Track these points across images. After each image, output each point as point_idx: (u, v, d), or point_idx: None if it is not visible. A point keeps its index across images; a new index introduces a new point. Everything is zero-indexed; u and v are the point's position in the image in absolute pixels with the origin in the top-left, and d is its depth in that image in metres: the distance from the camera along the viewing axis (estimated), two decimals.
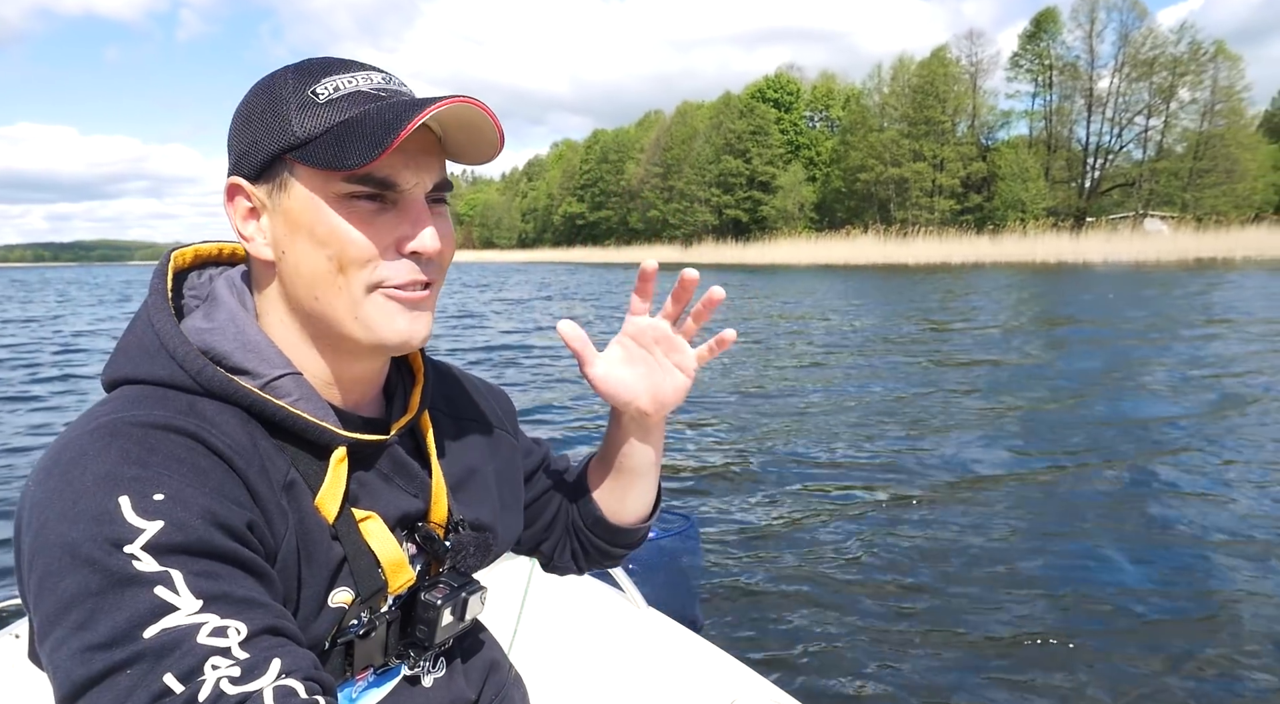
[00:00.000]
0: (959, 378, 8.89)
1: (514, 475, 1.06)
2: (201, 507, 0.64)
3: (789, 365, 10.09)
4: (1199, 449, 5.70)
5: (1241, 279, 25.36)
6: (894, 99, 57.42)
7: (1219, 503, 4.57)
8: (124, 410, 0.70)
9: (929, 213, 55.25)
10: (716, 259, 57.45)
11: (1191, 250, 41.92)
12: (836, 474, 5.42)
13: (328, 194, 0.74)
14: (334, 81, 0.75)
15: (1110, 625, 3.19)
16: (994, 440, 6.16)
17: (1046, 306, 18.17)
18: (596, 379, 0.98)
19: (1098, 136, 56.66)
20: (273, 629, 0.63)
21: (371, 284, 0.77)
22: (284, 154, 0.75)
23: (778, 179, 63.03)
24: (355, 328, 0.78)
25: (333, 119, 0.73)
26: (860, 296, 22.07)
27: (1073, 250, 44.44)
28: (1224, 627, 3.13)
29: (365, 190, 0.74)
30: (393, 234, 0.77)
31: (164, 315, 0.77)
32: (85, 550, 0.60)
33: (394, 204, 0.77)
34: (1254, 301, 17.50)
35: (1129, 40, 54.53)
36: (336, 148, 0.72)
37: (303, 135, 0.74)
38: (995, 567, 3.77)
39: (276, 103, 0.75)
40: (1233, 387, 7.95)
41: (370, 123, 0.72)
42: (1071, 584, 3.54)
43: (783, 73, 68.75)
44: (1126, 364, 9.58)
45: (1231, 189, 49.98)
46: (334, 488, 0.78)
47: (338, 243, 0.75)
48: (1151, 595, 3.44)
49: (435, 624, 0.86)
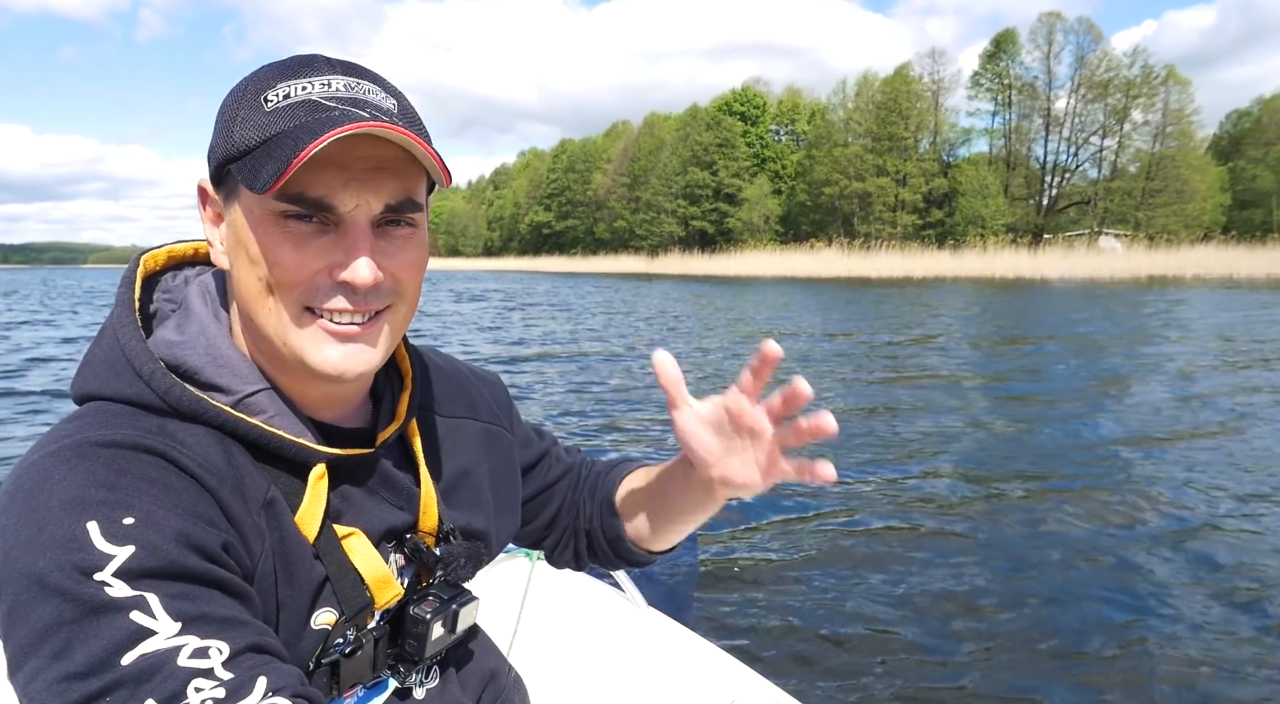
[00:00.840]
0: (929, 390, 9.04)
1: (510, 473, 1.02)
2: (174, 528, 0.62)
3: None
4: (1171, 472, 5.85)
5: (1191, 296, 26.08)
6: (858, 115, 58.28)
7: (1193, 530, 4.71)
8: (90, 430, 0.67)
9: (891, 227, 56.08)
10: (682, 270, 57.66)
11: (1144, 268, 43.02)
12: (837, 474, 5.45)
13: (264, 211, 0.70)
14: (289, 86, 0.70)
15: (1107, 632, 3.23)
16: (984, 446, 6.27)
17: (1006, 321, 18.53)
18: (683, 427, 0.89)
19: (1055, 155, 58.15)
20: (256, 647, 0.61)
21: (302, 309, 0.72)
22: (227, 164, 0.71)
23: (743, 191, 63.55)
24: (285, 352, 0.74)
25: (270, 130, 0.68)
26: (827, 309, 22.29)
27: (1030, 266, 45.35)
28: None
29: (297, 210, 0.69)
30: (325, 260, 0.71)
31: (130, 330, 0.73)
32: (54, 580, 0.58)
33: (335, 226, 0.71)
34: (1207, 318, 18.01)
35: (1085, 62, 56.12)
36: (257, 164, 0.68)
37: (241, 146, 0.69)
38: (995, 566, 3.81)
39: (233, 106, 0.71)
40: (1186, 402, 8.18)
41: (287, 140, 0.67)
42: (1066, 587, 3.61)
43: (749, 86, 69.44)
44: (1083, 380, 9.80)
45: (1182, 209, 51.47)
46: (314, 506, 0.75)
47: (264, 264, 0.70)
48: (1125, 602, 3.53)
49: (425, 638, 0.83)
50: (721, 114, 65.97)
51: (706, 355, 12.33)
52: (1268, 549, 4.09)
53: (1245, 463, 5.73)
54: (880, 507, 4.77)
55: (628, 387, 9.27)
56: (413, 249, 0.76)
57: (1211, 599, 3.51)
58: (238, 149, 0.69)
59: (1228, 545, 4.14)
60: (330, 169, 0.68)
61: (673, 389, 0.87)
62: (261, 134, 0.68)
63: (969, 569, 3.82)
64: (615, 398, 8.54)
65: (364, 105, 0.71)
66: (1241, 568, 3.84)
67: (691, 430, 0.89)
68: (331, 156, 0.67)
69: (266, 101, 0.70)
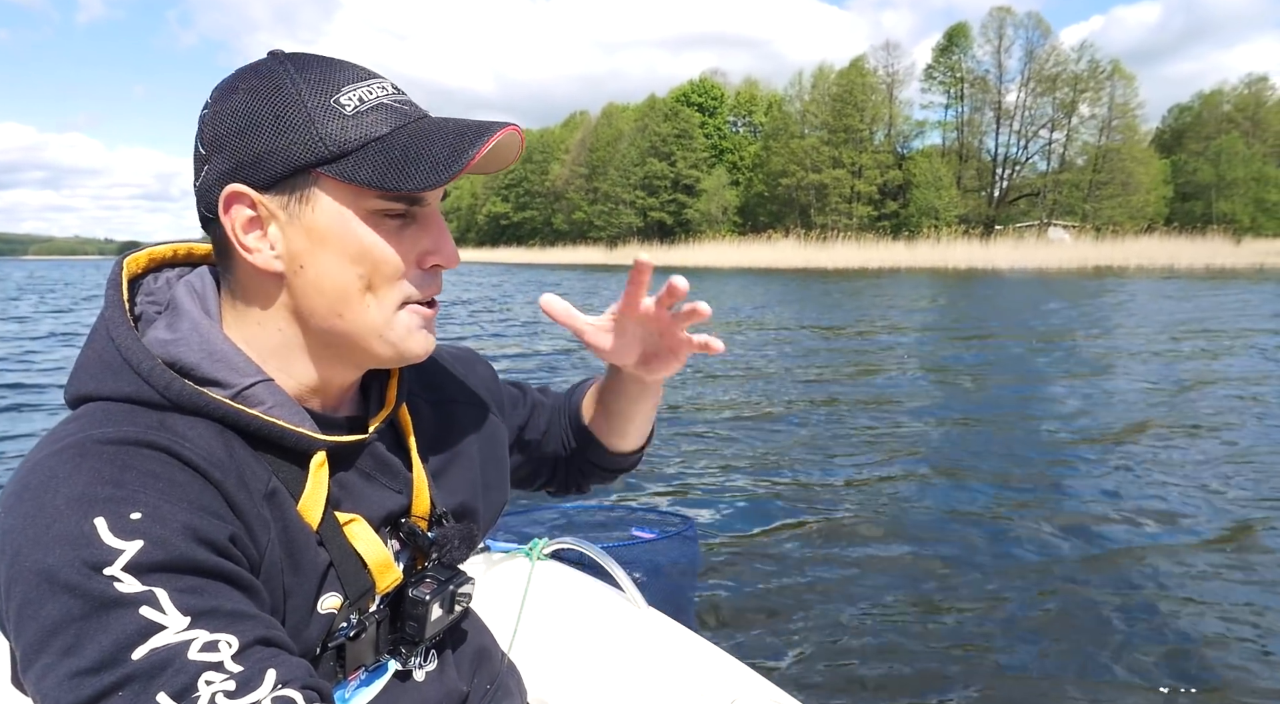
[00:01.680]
0: (904, 381, 9.20)
1: (498, 450, 1.05)
2: (181, 522, 0.63)
3: (766, 372, 10.25)
4: (1116, 456, 6.04)
5: (1136, 286, 26.82)
6: (814, 107, 58.70)
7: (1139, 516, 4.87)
8: (92, 428, 0.68)
9: (848, 218, 56.66)
10: None
11: (1091, 258, 44.13)
12: (834, 474, 5.49)
13: (359, 210, 0.73)
14: (355, 92, 0.73)
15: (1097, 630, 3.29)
16: (969, 443, 6.40)
17: (962, 312, 18.88)
18: (592, 342, 0.98)
19: (1006, 148, 59.15)
20: (265, 640, 0.62)
21: (399, 301, 0.77)
22: (313, 167, 0.72)
23: (702, 182, 63.66)
24: (379, 345, 0.77)
25: (366, 133, 0.72)
26: (786, 301, 22.49)
27: (983, 257, 46.22)
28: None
29: (398, 207, 0.74)
30: (415, 249, 0.77)
31: (124, 329, 0.74)
32: (64, 576, 0.59)
33: (413, 219, 0.77)
34: (1154, 307, 18.55)
35: (1034, 57, 57.12)
36: (387, 166, 0.71)
37: (335, 149, 0.71)
38: (995, 566, 3.82)
39: (296, 111, 0.71)
40: (1132, 389, 8.46)
41: (432, 144, 0.72)
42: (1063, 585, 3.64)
43: (707, 78, 69.53)
44: (1043, 369, 10.05)
45: (1127, 201, 52.84)
46: (315, 493, 0.77)
47: (370, 261, 0.74)
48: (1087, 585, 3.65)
49: (425, 619, 0.85)
50: (679, 105, 65.96)
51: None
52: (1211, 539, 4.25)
53: (1204, 453, 5.94)
54: (878, 506, 4.80)
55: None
56: None
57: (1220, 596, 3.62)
58: (331, 152, 0.71)
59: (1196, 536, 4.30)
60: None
61: (569, 320, 0.95)
62: (360, 136, 0.72)
63: (970, 570, 3.82)
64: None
65: (417, 107, 0.78)
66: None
67: (598, 342, 0.98)
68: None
69: (342, 106, 0.72)
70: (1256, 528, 4.29)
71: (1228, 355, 10.70)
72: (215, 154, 0.73)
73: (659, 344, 1.00)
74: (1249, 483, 5.11)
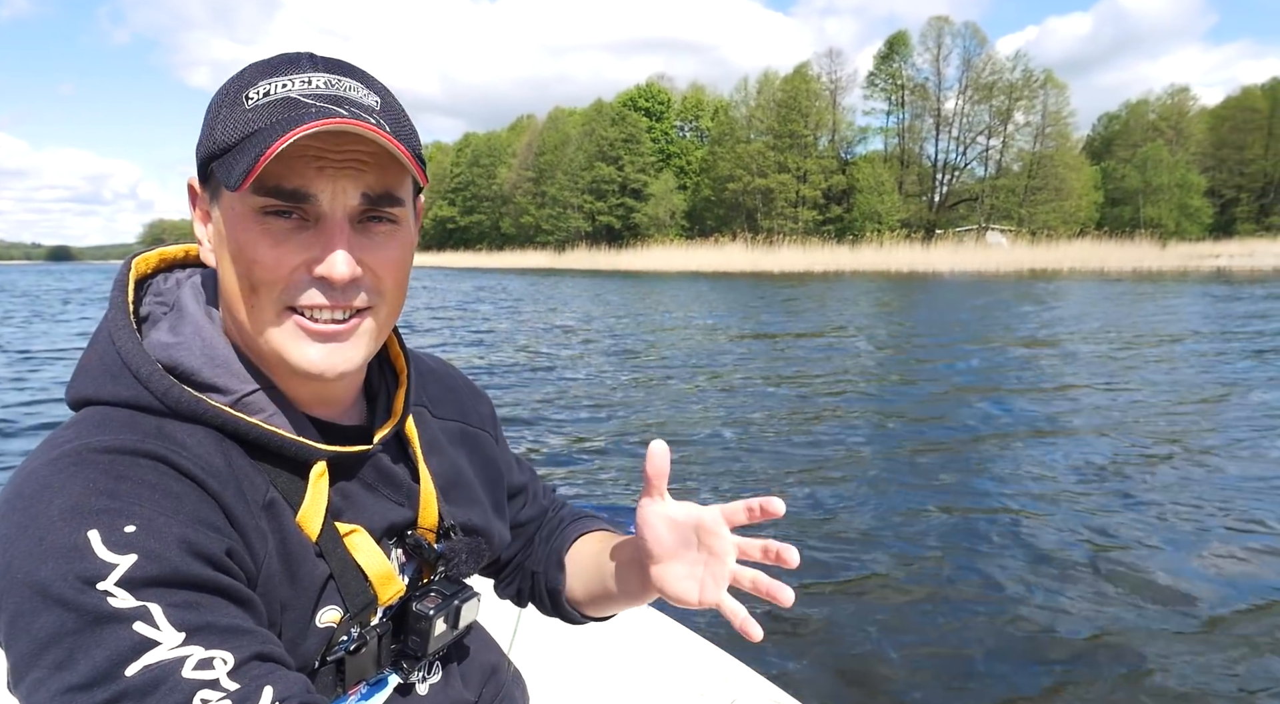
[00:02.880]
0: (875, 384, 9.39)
1: (500, 479, 1.03)
2: (176, 535, 0.62)
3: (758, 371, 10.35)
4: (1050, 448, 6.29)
5: (1070, 287, 27.73)
6: (760, 112, 59.49)
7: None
8: (88, 436, 0.66)
9: (793, 222, 57.50)
10: (590, 265, 57.66)
11: (1027, 261, 45.51)
12: (834, 474, 5.55)
13: (245, 207, 0.70)
14: (269, 84, 0.70)
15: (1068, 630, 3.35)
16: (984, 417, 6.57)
17: (906, 314, 19.31)
18: (647, 518, 0.88)
19: (945, 154, 60.80)
20: (261, 655, 0.61)
21: (283, 307, 0.72)
22: (209, 161, 0.71)
23: (649, 187, 63.96)
24: (266, 349, 0.74)
25: (248, 127, 0.69)
26: (733, 303, 22.72)
27: (924, 260, 47.32)
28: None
29: (276, 205, 0.69)
30: (303, 255, 0.71)
31: (126, 332, 0.73)
32: (56, 590, 0.58)
33: (315, 222, 0.71)
34: (1090, 309, 19.21)
35: (971, 65, 58.83)
36: (233, 162, 0.68)
37: (221, 144, 0.70)
38: (995, 566, 3.86)
39: (217, 104, 0.72)
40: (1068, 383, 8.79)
41: (260, 137, 0.67)
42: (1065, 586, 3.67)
43: (654, 82, 69.87)
44: (987, 369, 10.36)
45: (1060, 206, 54.70)
46: (315, 504, 0.75)
47: (246, 260, 0.71)
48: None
49: (428, 634, 0.83)
50: (626, 109, 66.18)
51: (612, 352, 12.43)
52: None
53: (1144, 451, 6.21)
54: (878, 505, 4.83)
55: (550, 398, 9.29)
56: (394, 246, 0.75)
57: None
58: (218, 147, 0.70)
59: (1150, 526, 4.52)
60: (305, 161, 0.68)
61: (656, 479, 0.87)
62: (240, 132, 0.69)
63: (971, 568, 3.82)
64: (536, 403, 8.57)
65: (343, 102, 0.71)
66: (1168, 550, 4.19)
67: (653, 524, 0.88)
68: (307, 150, 0.68)
69: (247, 99, 0.70)
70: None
71: (1165, 359, 11.17)
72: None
73: (697, 571, 0.88)
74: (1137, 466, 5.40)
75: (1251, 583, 3.66)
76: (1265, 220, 55.69)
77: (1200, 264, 42.56)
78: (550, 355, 11.83)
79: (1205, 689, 2.80)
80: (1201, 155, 57.30)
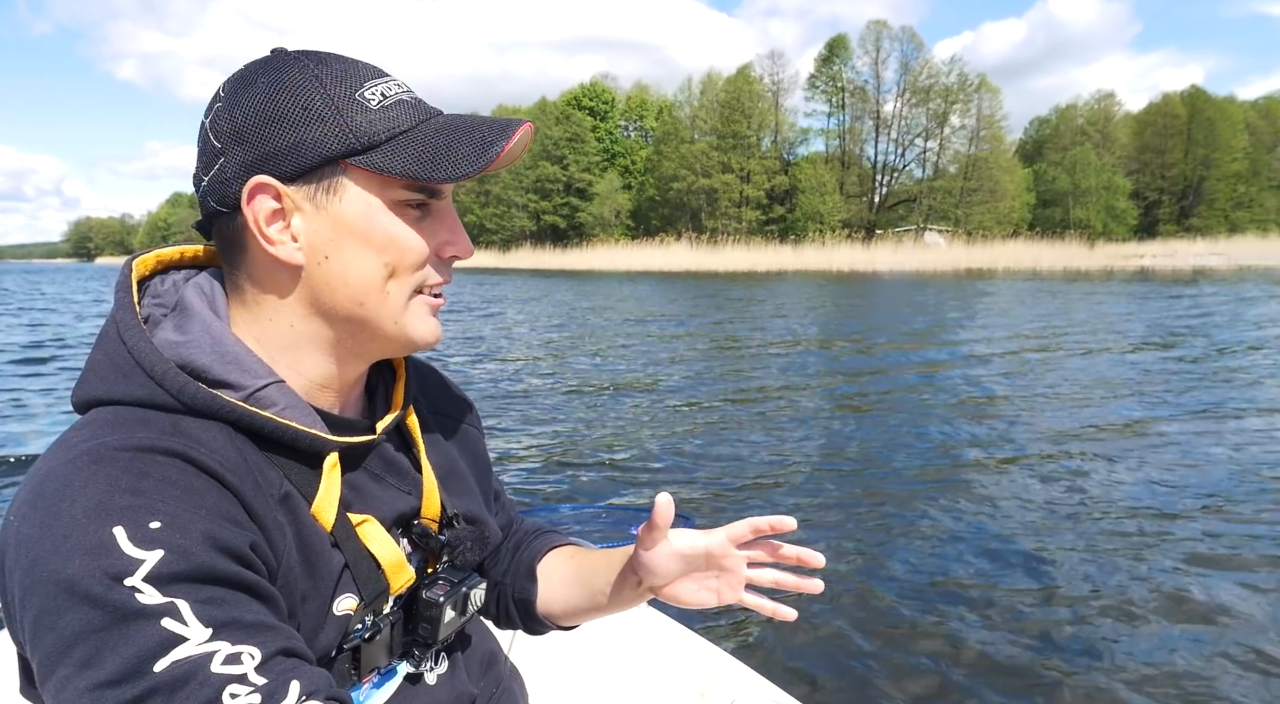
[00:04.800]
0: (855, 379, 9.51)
1: (487, 475, 1.06)
2: (201, 531, 0.62)
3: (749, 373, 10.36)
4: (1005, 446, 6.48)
5: (1004, 287, 28.53)
6: (703, 113, 59.86)
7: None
8: (105, 435, 0.67)
9: (737, 222, 58.02)
10: (535, 265, 57.35)
11: (963, 261, 46.74)
12: (833, 473, 5.56)
13: (385, 200, 0.75)
14: (377, 87, 0.76)
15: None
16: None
17: (841, 311, 19.64)
18: (652, 552, 0.91)
19: (884, 156, 61.95)
20: (287, 651, 0.62)
21: (415, 289, 0.79)
22: (343, 158, 0.73)
23: (594, 186, 63.90)
24: (393, 331, 0.79)
25: (392, 127, 0.74)
26: (678, 302, 22.82)
27: (864, 260, 48.26)
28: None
29: (418, 198, 0.76)
30: (435, 239, 0.79)
31: (136, 332, 0.73)
32: (84, 586, 0.58)
33: (429, 211, 0.78)
34: (1014, 308, 19.79)
35: (909, 69, 60.09)
36: (417, 158, 0.73)
37: (365, 141, 0.73)
38: (997, 566, 3.89)
39: (323, 103, 0.73)
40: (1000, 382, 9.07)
41: (460, 138, 0.74)
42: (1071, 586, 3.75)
43: (598, 82, 69.83)
44: (925, 366, 10.60)
45: (995, 207, 56.27)
46: (329, 495, 0.77)
47: (397, 249, 0.76)
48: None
49: (438, 621, 0.85)
50: (570, 108, 66.00)
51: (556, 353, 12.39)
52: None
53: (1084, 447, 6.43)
54: (877, 506, 4.85)
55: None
56: None
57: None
58: (361, 143, 0.73)
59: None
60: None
61: (660, 532, 0.90)
62: (387, 129, 0.74)
63: (972, 570, 3.84)
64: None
65: (433, 106, 0.80)
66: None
67: (662, 561, 0.91)
68: None
69: (368, 100, 0.74)
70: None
71: (1094, 352, 11.57)
72: (234, 146, 0.73)
73: (711, 583, 0.95)
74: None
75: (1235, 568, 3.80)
76: (1185, 222, 58.15)
77: (1125, 264, 44.19)
78: (493, 356, 11.76)
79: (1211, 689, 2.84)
80: (1126, 159, 59.56)
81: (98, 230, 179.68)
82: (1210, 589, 3.59)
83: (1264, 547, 4.08)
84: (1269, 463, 5.61)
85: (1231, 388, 8.55)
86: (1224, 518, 4.53)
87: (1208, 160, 57.29)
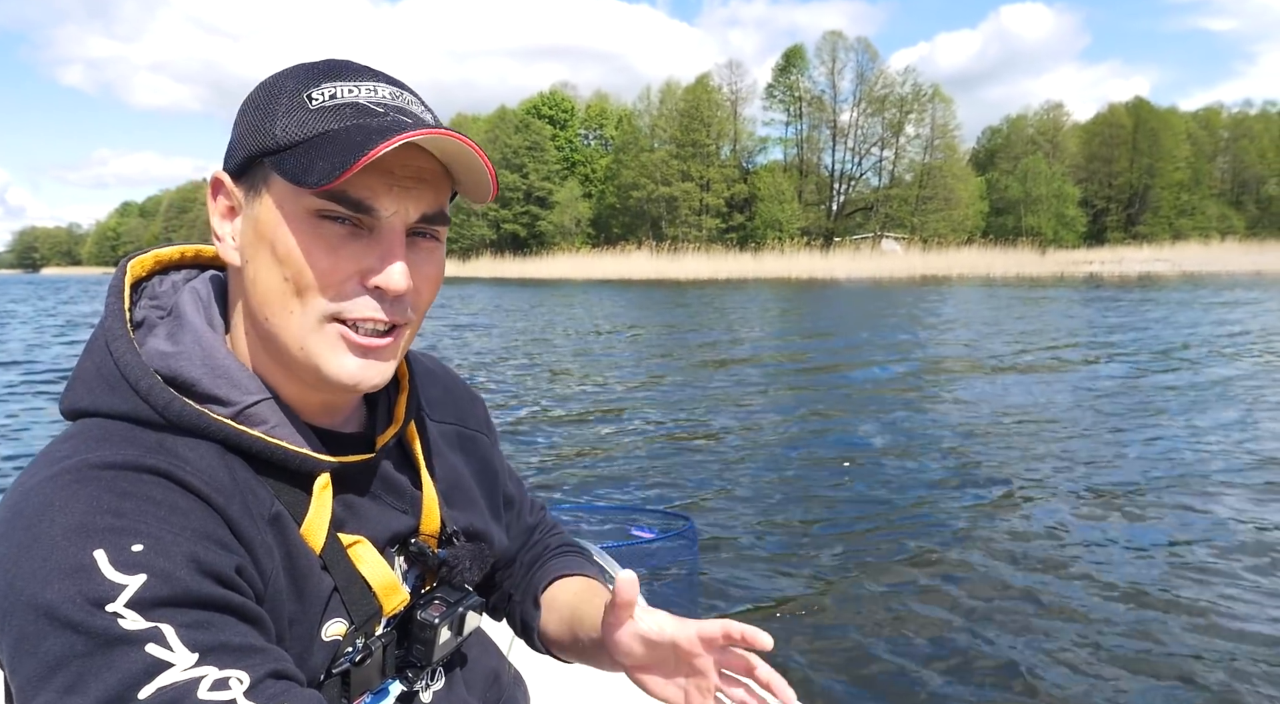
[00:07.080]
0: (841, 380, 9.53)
1: (498, 482, 1.02)
2: (185, 553, 0.60)
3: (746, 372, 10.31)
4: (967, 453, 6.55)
5: (960, 292, 29.05)
6: (663, 121, 60.20)
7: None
8: (88, 451, 0.65)
9: (697, 230, 58.35)
10: (495, 273, 57.07)
11: (919, 268, 47.46)
12: (833, 473, 5.58)
13: (298, 208, 0.68)
14: (334, 87, 0.70)
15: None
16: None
17: (801, 318, 19.81)
18: (622, 638, 0.85)
19: (842, 164, 62.81)
20: (276, 673, 0.61)
21: (327, 315, 0.70)
22: (261, 157, 0.69)
23: (554, 195, 63.81)
24: (300, 356, 0.72)
25: (316, 128, 0.68)
26: (639, 309, 22.83)
27: (823, 267, 48.79)
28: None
29: (337, 210, 0.68)
30: (358, 264, 0.70)
31: (123, 342, 0.71)
32: (64, 612, 0.56)
33: (370, 230, 0.70)
34: (970, 311, 20.14)
35: (864, 79, 61.11)
36: (305, 160, 0.66)
37: (283, 140, 0.68)
38: (996, 566, 3.90)
39: (270, 100, 0.70)
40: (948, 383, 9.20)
41: (342, 139, 0.66)
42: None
43: (558, 90, 69.81)
44: (892, 373, 10.72)
45: (949, 215, 57.39)
46: (319, 516, 0.74)
47: (295, 263, 0.68)
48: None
49: (433, 643, 0.82)
50: (530, 117, 65.89)
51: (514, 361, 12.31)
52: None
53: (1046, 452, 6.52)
54: (877, 505, 4.87)
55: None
56: (435, 263, 0.75)
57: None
58: (278, 143, 0.68)
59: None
60: (375, 173, 0.67)
61: (624, 610, 0.84)
62: (307, 130, 0.68)
63: (972, 569, 3.84)
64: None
65: (408, 114, 0.71)
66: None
67: (626, 642, 0.85)
68: (378, 161, 0.66)
69: (311, 99, 0.69)
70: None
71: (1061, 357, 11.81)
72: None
73: (678, 679, 0.85)
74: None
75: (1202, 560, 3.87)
76: (1132, 229, 59.82)
77: (1075, 270, 45.26)
78: (456, 364, 11.62)
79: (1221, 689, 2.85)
80: (1075, 168, 61.20)
81: (44, 240, 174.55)
82: (1209, 589, 3.64)
83: (1245, 534, 4.16)
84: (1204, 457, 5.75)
85: (1172, 392, 8.80)
86: (1212, 512, 4.63)
87: (1152, 169, 59.08)
